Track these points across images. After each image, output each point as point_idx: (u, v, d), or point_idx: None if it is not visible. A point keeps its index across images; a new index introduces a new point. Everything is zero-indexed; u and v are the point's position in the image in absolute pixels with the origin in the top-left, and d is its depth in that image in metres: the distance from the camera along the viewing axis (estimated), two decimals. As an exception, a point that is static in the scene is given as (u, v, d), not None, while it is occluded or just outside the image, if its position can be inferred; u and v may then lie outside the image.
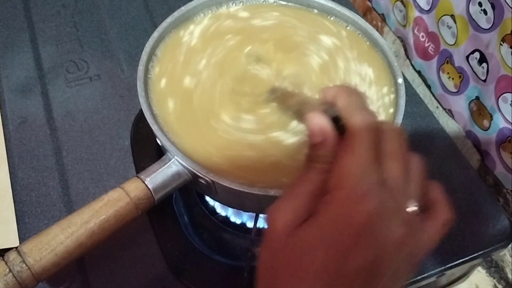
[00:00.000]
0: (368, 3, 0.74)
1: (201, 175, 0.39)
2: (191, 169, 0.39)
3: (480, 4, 0.51)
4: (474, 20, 0.52)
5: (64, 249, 0.37)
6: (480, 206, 0.52)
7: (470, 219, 0.51)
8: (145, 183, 0.40)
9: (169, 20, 0.48)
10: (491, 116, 0.54)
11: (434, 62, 0.61)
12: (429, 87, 0.64)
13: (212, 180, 0.39)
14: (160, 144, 0.42)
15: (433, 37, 0.60)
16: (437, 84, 0.62)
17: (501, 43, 0.49)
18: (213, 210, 0.51)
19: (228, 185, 0.38)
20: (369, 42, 0.49)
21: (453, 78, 0.59)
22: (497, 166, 0.55)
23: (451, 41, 0.57)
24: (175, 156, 0.40)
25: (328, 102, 0.31)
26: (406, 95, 0.44)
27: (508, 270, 0.58)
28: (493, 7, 0.49)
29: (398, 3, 0.65)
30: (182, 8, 0.48)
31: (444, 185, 0.53)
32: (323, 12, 0.51)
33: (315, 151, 0.30)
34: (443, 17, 0.57)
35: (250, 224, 0.50)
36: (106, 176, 0.52)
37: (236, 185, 0.38)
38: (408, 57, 0.67)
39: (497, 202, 0.54)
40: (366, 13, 0.76)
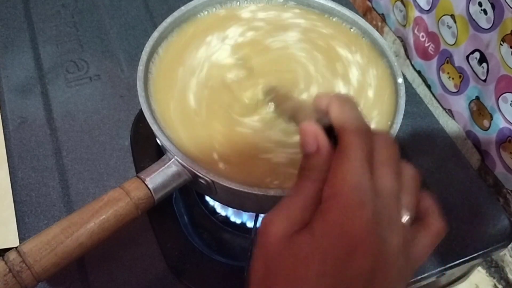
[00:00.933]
0: (368, 3, 0.74)
1: (201, 175, 0.39)
2: (191, 169, 0.39)
3: (480, 4, 0.51)
4: (474, 20, 0.52)
5: (64, 249, 0.37)
6: (480, 206, 0.52)
7: (470, 219, 0.51)
8: (145, 183, 0.40)
9: (169, 20, 0.48)
10: (491, 116, 0.54)
11: (434, 62, 0.61)
12: (429, 87, 0.64)
13: (212, 180, 0.39)
14: (160, 144, 0.42)
15: (433, 37, 0.60)
16: (437, 84, 0.62)
17: (501, 43, 0.49)
18: (213, 210, 0.51)
19: (228, 185, 0.38)
20: (369, 42, 0.49)
21: (453, 78, 0.59)
22: (497, 166, 0.55)
23: (451, 41, 0.57)
24: (175, 156, 0.40)
25: (322, 111, 0.31)
26: (406, 95, 0.44)
27: (508, 270, 0.58)
28: (493, 7, 0.49)
29: (398, 3, 0.65)
30: (182, 8, 0.48)
31: (444, 185, 0.53)
32: (323, 12, 0.51)
33: (309, 160, 0.30)
34: (443, 17, 0.57)
35: (250, 224, 0.50)
36: (106, 176, 0.52)
37: (236, 185, 0.38)
38: (408, 57, 0.67)
39: (497, 202, 0.54)
40: (366, 13, 0.76)
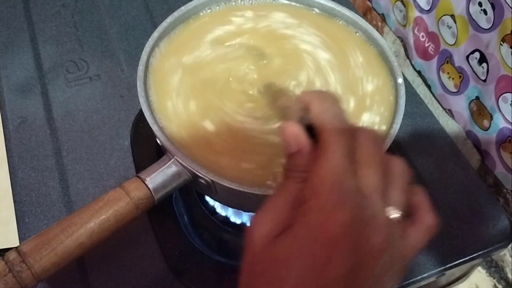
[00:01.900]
0: (368, 3, 0.74)
1: (201, 175, 0.39)
2: (191, 169, 0.39)
3: (480, 4, 0.51)
4: (474, 20, 0.52)
5: (64, 249, 0.37)
6: (480, 206, 0.52)
7: (470, 219, 0.51)
8: (145, 183, 0.40)
9: (169, 20, 0.48)
10: (491, 116, 0.54)
11: (434, 62, 0.61)
12: (429, 87, 0.64)
13: (212, 180, 0.39)
14: (160, 144, 0.42)
15: (433, 37, 0.60)
16: (437, 84, 0.62)
17: (501, 43, 0.49)
18: (213, 210, 0.51)
19: (228, 185, 0.38)
20: (369, 42, 0.49)
21: (453, 78, 0.59)
22: (497, 166, 0.55)
23: (451, 41, 0.57)
24: (175, 156, 0.40)
25: (305, 108, 0.31)
26: (406, 95, 0.44)
27: (508, 270, 0.58)
28: (493, 7, 0.49)
29: (398, 3, 0.65)
30: (182, 8, 0.48)
31: (444, 185, 0.53)
32: (322, 11, 0.51)
33: (291, 160, 0.29)
34: (443, 17, 0.57)
35: (250, 223, 0.50)
36: (106, 176, 0.52)
37: (236, 185, 0.38)
38: (408, 57, 0.67)
39: (497, 202, 0.54)
40: (366, 13, 0.76)
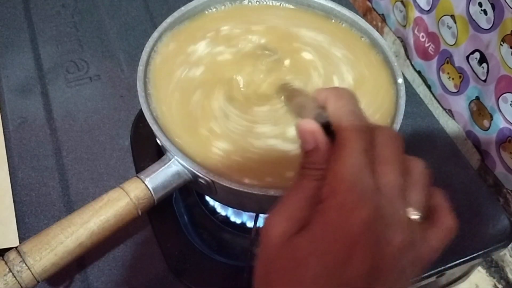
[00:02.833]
0: (368, 3, 0.74)
1: (201, 175, 0.39)
2: (191, 169, 0.39)
3: (480, 4, 0.51)
4: (474, 20, 0.52)
5: (64, 249, 0.37)
6: (480, 206, 0.52)
7: (470, 219, 0.51)
8: (145, 183, 0.40)
9: (169, 20, 0.48)
10: (491, 116, 0.54)
11: (434, 62, 0.61)
12: (429, 87, 0.64)
13: (212, 180, 0.39)
14: (160, 144, 0.42)
15: (433, 37, 0.60)
16: (437, 84, 0.62)
17: (501, 43, 0.49)
18: (213, 210, 0.51)
19: (228, 185, 0.38)
20: (369, 42, 0.49)
21: (453, 78, 0.59)
22: (497, 166, 0.55)
23: (451, 41, 0.57)
24: (175, 156, 0.40)
25: (321, 106, 0.31)
26: (406, 95, 0.44)
27: (508, 270, 0.58)
28: (493, 7, 0.49)
29: (398, 3, 0.65)
30: (182, 8, 0.48)
31: (444, 185, 0.53)
32: (322, 12, 0.51)
33: (307, 158, 0.29)
34: (443, 17, 0.57)
35: (250, 224, 0.50)
36: (106, 176, 0.52)
37: (236, 185, 0.38)
38: (408, 57, 0.67)
39: (497, 202, 0.54)
40: (366, 13, 0.76)
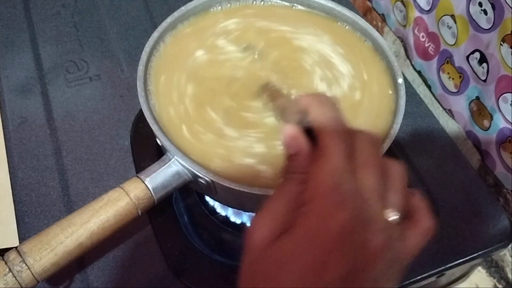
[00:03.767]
0: (368, 3, 0.74)
1: (201, 175, 0.39)
2: (191, 169, 0.39)
3: (480, 4, 0.51)
4: (474, 20, 0.52)
5: (64, 249, 0.37)
6: (480, 206, 0.52)
7: (470, 219, 0.51)
8: (145, 183, 0.40)
9: (169, 20, 0.48)
10: (491, 116, 0.54)
11: (434, 62, 0.61)
12: (429, 87, 0.64)
13: (212, 180, 0.39)
14: (160, 144, 0.42)
15: (433, 37, 0.60)
16: (437, 84, 0.62)
17: (501, 43, 0.49)
18: (213, 210, 0.51)
19: (228, 185, 0.38)
20: (369, 42, 0.49)
21: (453, 78, 0.59)
22: (497, 166, 0.55)
23: (451, 41, 0.57)
24: (175, 156, 0.40)
25: (302, 111, 0.31)
26: (406, 95, 0.44)
27: (508, 270, 0.58)
28: (493, 7, 0.49)
29: (398, 3, 0.65)
30: (182, 8, 0.48)
31: (444, 185, 0.53)
32: (322, 12, 0.51)
33: (290, 162, 0.30)
34: (443, 17, 0.57)
35: (250, 224, 0.50)
36: (106, 176, 0.52)
37: (236, 185, 0.38)
38: (408, 57, 0.67)
39: (497, 202, 0.54)
40: (366, 13, 0.76)
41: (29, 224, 0.48)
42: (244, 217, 0.50)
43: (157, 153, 0.51)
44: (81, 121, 0.56)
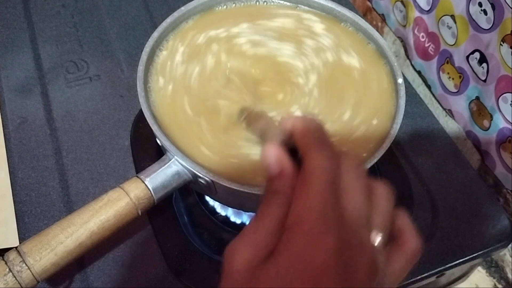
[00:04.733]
0: (368, 3, 0.74)
1: (201, 175, 0.39)
2: (191, 169, 0.39)
3: (480, 4, 0.51)
4: (474, 20, 0.52)
5: (64, 249, 0.37)
6: (480, 206, 0.52)
7: (470, 219, 0.51)
8: (145, 183, 0.40)
9: (169, 20, 0.48)
10: (491, 116, 0.54)
11: (434, 62, 0.61)
12: (429, 87, 0.64)
13: (212, 180, 0.39)
14: (160, 144, 0.42)
15: (433, 37, 0.60)
16: (437, 84, 0.62)
17: (501, 43, 0.49)
18: (213, 210, 0.51)
19: (228, 185, 0.38)
20: (369, 42, 0.49)
21: (453, 78, 0.59)
22: (497, 166, 0.55)
23: (451, 41, 0.57)
24: (175, 156, 0.40)
25: (287, 132, 0.30)
26: (406, 95, 0.44)
27: (508, 270, 0.58)
28: (493, 7, 0.49)
29: (398, 3, 0.65)
30: (182, 8, 0.48)
31: (444, 185, 0.53)
32: (323, 12, 0.51)
33: (272, 184, 0.28)
34: (443, 17, 0.57)
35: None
36: (106, 176, 0.52)
37: (236, 185, 0.38)
38: (408, 57, 0.67)
39: (497, 202, 0.54)
40: (366, 13, 0.76)
41: (29, 224, 0.48)
42: (244, 217, 0.50)
43: (157, 153, 0.51)
44: (81, 121, 0.56)
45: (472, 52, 0.54)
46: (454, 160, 0.56)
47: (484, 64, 0.53)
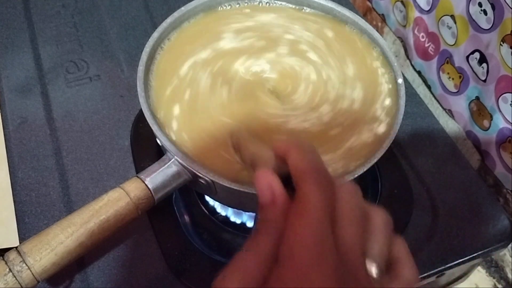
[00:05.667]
0: (368, 3, 0.74)
1: (201, 175, 0.39)
2: (191, 169, 0.39)
3: (480, 5, 0.51)
4: (474, 20, 0.52)
5: (64, 249, 0.37)
6: (480, 206, 0.52)
7: (470, 219, 0.51)
8: (145, 183, 0.40)
9: (169, 20, 0.48)
10: (491, 116, 0.54)
11: (434, 62, 0.61)
12: (429, 87, 0.64)
13: (212, 180, 0.39)
14: (160, 144, 0.42)
15: (433, 37, 0.60)
16: (437, 84, 0.62)
17: (501, 43, 0.49)
18: (213, 210, 0.51)
19: (228, 185, 0.38)
20: (369, 42, 0.49)
21: (453, 78, 0.59)
22: (497, 166, 0.55)
23: (451, 41, 0.57)
24: (175, 156, 0.40)
25: (280, 158, 0.29)
26: (406, 95, 0.44)
27: (508, 270, 0.58)
28: (493, 8, 0.49)
29: (398, 3, 0.65)
30: (182, 8, 0.48)
31: (444, 185, 0.53)
32: (323, 12, 0.51)
33: (264, 212, 0.27)
34: (443, 17, 0.57)
35: (250, 224, 0.50)
36: (106, 176, 0.52)
37: (236, 185, 0.38)
38: (408, 57, 0.67)
39: (497, 202, 0.54)
40: (366, 13, 0.76)
41: (29, 224, 0.48)
42: (244, 217, 0.50)
43: (157, 153, 0.51)
44: (81, 121, 0.56)
45: (472, 52, 0.54)
46: (454, 160, 0.56)
47: (484, 64, 0.53)
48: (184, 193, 0.51)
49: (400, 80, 0.45)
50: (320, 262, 0.25)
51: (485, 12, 0.50)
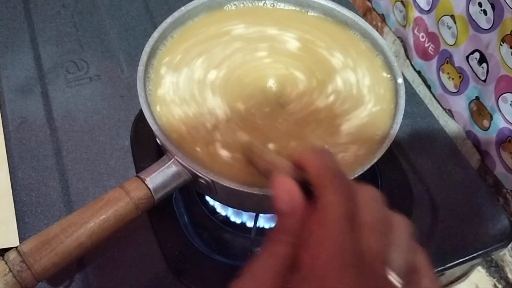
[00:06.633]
0: (368, 3, 0.74)
1: (201, 175, 0.39)
2: (191, 169, 0.39)
3: (480, 4, 0.51)
4: (474, 20, 0.52)
5: (64, 249, 0.37)
6: (480, 206, 0.52)
7: (470, 219, 0.51)
8: (145, 183, 0.40)
9: (169, 20, 0.48)
10: (491, 116, 0.54)
11: (434, 62, 0.61)
12: (429, 87, 0.64)
13: (212, 180, 0.39)
14: (160, 144, 0.42)
15: (433, 37, 0.60)
16: (437, 84, 0.62)
17: (501, 43, 0.49)
18: (213, 210, 0.51)
19: (228, 185, 0.38)
20: (369, 42, 0.49)
21: (453, 78, 0.59)
22: (497, 166, 0.55)
23: (451, 41, 0.57)
24: (175, 156, 0.40)
25: (297, 165, 0.29)
26: (406, 95, 0.44)
27: (508, 270, 0.58)
28: (493, 7, 0.49)
29: (398, 3, 0.65)
30: (182, 8, 0.48)
31: (444, 185, 0.53)
32: (323, 12, 0.51)
33: (282, 221, 0.27)
34: (443, 17, 0.57)
35: (250, 224, 0.50)
36: (106, 176, 0.52)
37: (236, 185, 0.38)
38: (408, 57, 0.67)
39: (497, 202, 0.54)
40: (366, 13, 0.76)
41: (29, 224, 0.48)
42: (244, 217, 0.50)
43: (157, 153, 0.51)
44: (81, 121, 0.56)
45: (472, 52, 0.54)
46: (454, 160, 0.56)
47: (484, 64, 0.53)
48: (184, 193, 0.51)
49: (400, 80, 0.45)
50: (342, 271, 0.24)
51: (485, 12, 0.50)
